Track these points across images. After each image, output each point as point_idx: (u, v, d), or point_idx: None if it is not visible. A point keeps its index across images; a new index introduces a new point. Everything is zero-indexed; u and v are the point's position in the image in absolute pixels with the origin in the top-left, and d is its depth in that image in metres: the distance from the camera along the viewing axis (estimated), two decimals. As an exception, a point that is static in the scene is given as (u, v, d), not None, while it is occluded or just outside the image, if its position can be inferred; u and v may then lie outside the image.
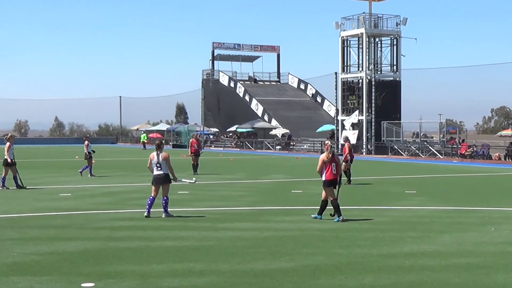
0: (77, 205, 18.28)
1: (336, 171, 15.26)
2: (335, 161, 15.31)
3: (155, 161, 15.58)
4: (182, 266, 10.25)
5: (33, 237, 12.80)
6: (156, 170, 15.59)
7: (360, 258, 10.92)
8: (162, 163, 15.53)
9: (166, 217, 15.52)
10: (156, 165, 15.59)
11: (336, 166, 15.28)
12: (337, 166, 15.34)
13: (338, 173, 15.38)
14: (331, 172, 15.22)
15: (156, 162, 15.57)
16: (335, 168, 15.25)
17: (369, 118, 55.91)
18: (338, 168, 15.36)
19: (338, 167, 15.39)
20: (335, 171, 15.24)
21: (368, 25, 56.71)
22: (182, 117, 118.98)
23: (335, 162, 15.30)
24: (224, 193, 21.83)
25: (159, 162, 15.53)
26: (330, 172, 15.23)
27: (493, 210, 17.42)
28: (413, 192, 22.18)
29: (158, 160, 15.55)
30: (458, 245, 12.12)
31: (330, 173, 15.23)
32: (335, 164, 15.28)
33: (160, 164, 15.53)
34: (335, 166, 15.27)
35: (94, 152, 29.85)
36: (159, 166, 15.55)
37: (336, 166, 15.30)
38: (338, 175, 15.35)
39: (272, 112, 78.60)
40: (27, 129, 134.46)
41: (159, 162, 15.53)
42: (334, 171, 15.23)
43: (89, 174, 29.05)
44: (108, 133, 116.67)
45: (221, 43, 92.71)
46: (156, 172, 15.61)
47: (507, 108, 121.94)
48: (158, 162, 15.54)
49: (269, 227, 14.29)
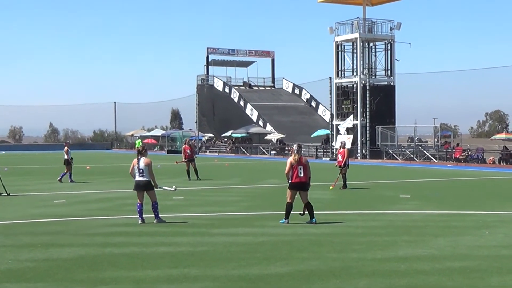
0: (71, 211, 18.25)
1: (303, 174, 15.28)
2: (302, 164, 15.32)
3: (137, 167, 15.53)
4: (177, 272, 10.25)
5: (27, 244, 12.77)
6: (138, 176, 15.54)
7: (354, 262, 10.93)
8: (144, 169, 15.47)
9: (157, 222, 15.49)
10: (138, 171, 15.55)
11: (303, 169, 15.30)
12: (305, 169, 15.33)
13: (306, 176, 15.36)
14: (297, 175, 15.28)
15: (138, 169, 15.53)
16: (302, 171, 15.28)
17: (363, 123, 55.97)
18: (305, 171, 15.34)
19: (306, 170, 15.36)
20: (301, 174, 15.28)
21: (362, 30, 56.83)
22: (177, 122, 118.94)
23: (302, 165, 15.31)
24: (219, 199, 21.83)
25: (141, 168, 15.48)
26: (296, 175, 15.29)
27: (488, 214, 17.45)
28: (408, 196, 22.21)
29: (139, 166, 15.50)
30: (453, 249, 12.14)
31: (296, 175, 15.29)
32: (302, 167, 15.30)
33: (142, 170, 15.49)
34: (302, 169, 15.29)
35: (72, 159, 29.92)
36: (141, 172, 15.50)
37: (304, 169, 15.31)
38: (305, 178, 15.34)
39: (267, 117, 78.63)
40: (21, 135, 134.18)
41: (141, 168, 15.49)
42: (301, 174, 15.27)
43: (69, 180, 29.04)
44: (103, 139, 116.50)
45: (216, 49, 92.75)
46: (138, 178, 15.55)
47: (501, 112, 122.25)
48: (140, 168, 15.50)
49: (264, 232, 14.29)
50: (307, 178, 15.38)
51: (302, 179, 15.28)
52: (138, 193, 15.61)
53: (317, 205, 19.63)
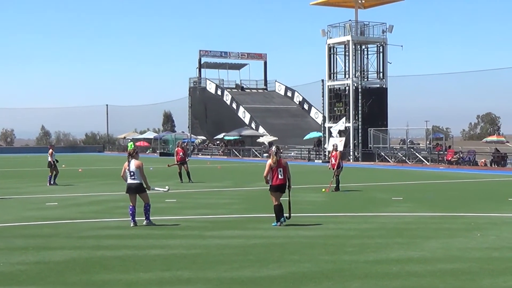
0: (63, 214, 18.22)
1: (283, 175, 15.37)
2: (281, 166, 15.43)
3: (128, 170, 15.52)
4: (170, 274, 10.24)
5: (19, 247, 12.74)
6: (130, 179, 15.54)
7: (347, 264, 10.95)
8: (135, 171, 15.47)
9: (147, 224, 15.47)
10: (130, 174, 15.54)
11: (283, 171, 15.39)
12: (284, 171, 15.42)
13: (286, 177, 15.44)
14: (277, 177, 15.37)
15: (129, 171, 15.52)
16: (281, 173, 15.37)
17: (356, 125, 56.04)
18: (285, 173, 15.42)
19: (285, 172, 15.44)
20: (281, 176, 15.36)
21: (355, 32, 56.91)
22: (169, 125, 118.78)
23: (281, 167, 15.41)
24: (211, 201, 21.82)
25: (132, 170, 15.48)
26: (276, 177, 15.38)
27: (479, 216, 17.50)
28: (400, 199, 22.25)
29: (130, 168, 15.49)
30: (444, 251, 12.17)
31: (276, 178, 15.38)
32: (281, 169, 15.40)
33: (133, 172, 15.49)
34: (282, 171, 15.38)
35: (57, 162, 29.87)
36: (132, 175, 15.51)
37: (283, 171, 15.40)
38: (285, 180, 15.43)
39: (259, 119, 78.64)
40: (13, 138, 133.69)
41: (132, 171, 15.49)
42: (281, 176, 15.36)
43: (52, 182, 28.90)
44: (95, 141, 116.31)
45: (208, 51, 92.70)
46: (130, 181, 15.55)
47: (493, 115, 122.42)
48: (131, 171, 15.50)
49: (256, 234, 14.30)
50: (286, 180, 15.47)
51: (282, 181, 15.41)
52: (130, 196, 15.60)
53: (309, 208, 19.72)
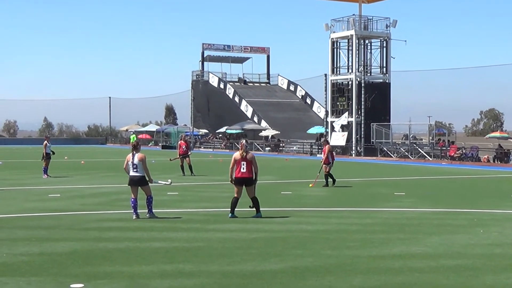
0: (66, 205, 18.23)
1: (246, 169, 15.52)
2: (246, 160, 15.57)
3: (131, 162, 15.54)
4: (172, 267, 10.24)
5: (22, 238, 12.75)
6: (132, 171, 15.56)
7: (349, 259, 10.95)
8: (138, 164, 15.49)
9: (149, 217, 15.49)
10: (132, 166, 15.56)
11: (246, 165, 15.53)
12: (248, 165, 15.55)
13: (250, 171, 15.58)
14: (240, 170, 15.56)
15: (132, 164, 15.54)
16: (245, 166, 15.53)
17: (358, 120, 55.98)
18: (249, 166, 15.56)
19: (250, 166, 15.57)
20: (244, 169, 15.53)
21: (358, 27, 56.81)
22: (171, 118, 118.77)
23: (245, 161, 15.56)
24: (213, 194, 21.82)
25: (135, 163, 15.50)
26: (238, 170, 15.59)
27: (482, 212, 17.49)
28: (402, 194, 22.23)
29: (133, 161, 15.51)
30: (447, 247, 12.16)
31: (238, 170, 15.59)
32: (245, 163, 15.56)
33: (136, 165, 15.50)
34: (246, 165, 15.54)
35: (53, 154, 29.85)
36: (135, 168, 15.52)
37: (247, 165, 15.54)
38: (248, 173, 15.57)
39: (261, 113, 78.59)
40: (16, 129, 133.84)
41: (135, 163, 15.50)
42: (243, 169, 15.53)
43: (45, 175, 28.84)
44: (98, 134, 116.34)
45: (211, 44, 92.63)
46: (132, 174, 15.57)
47: (496, 111, 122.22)
48: (134, 163, 15.51)
49: (258, 228, 14.30)
50: (250, 174, 15.61)
51: (245, 174, 15.57)
52: (132, 188, 15.61)
53: (312, 202, 19.71)
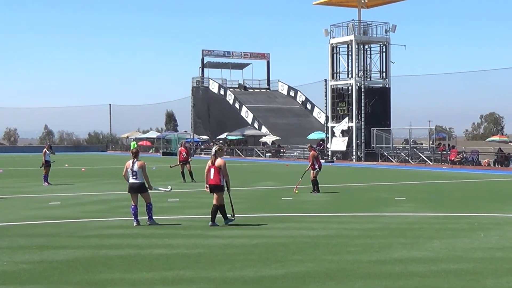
0: (66, 213, 18.23)
1: (213, 176, 15.30)
2: (213, 167, 15.34)
3: (131, 169, 15.54)
4: (172, 274, 10.24)
5: (23, 246, 12.75)
6: (132, 178, 15.56)
7: (350, 264, 10.94)
8: (138, 171, 15.49)
9: (150, 224, 15.48)
10: (132, 173, 15.56)
11: (214, 172, 15.29)
12: (216, 172, 15.28)
13: (217, 178, 15.28)
14: (209, 177, 15.39)
15: (131, 171, 15.54)
16: (211, 174, 15.32)
17: (358, 125, 56.01)
18: (216, 174, 15.27)
19: (217, 173, 15.26)
20: (211, 176, 15.33)
21: (358, 32, 56.90)
22: (171, 124, 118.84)
23: (214, 168, 15.33)
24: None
25: (135, 170, 15.50)
26: (208, 177, 15.44)
27: (483, 216, 17.47)
28: (403, 199, 22.23)
29: (133, 169, 15.51)
30: (448, 251, 12.15)
31: (208, 178, 15.44)
32: (214, 170, 15.32)
33: (136, 172, 15.50)
34: (213, 172, 15.31)
35: (53, 162, 29.85)
36: (134, 175, 15.52)
37: (215, 172, 15.29)
38: (215, 180, 15.30)
39: (262, 119, 78.63)
40: (16, 137, 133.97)
41: (134, 170, 15.51)
42: (211, 176, 15.33)
43: (45, 182, 28.75)
44: (98, 141, 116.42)
45: (211, 51, 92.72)
46: (132, 181, 15.57)
47: (497, 115, 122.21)
48: (133, 170, 15.52)
49: (259, 234, 14.29)
50: (218, 181, 15.30)
51: (211, 181, 15.35)
52: (132, 195, 15.61)
53: (312, 207, 19.70)
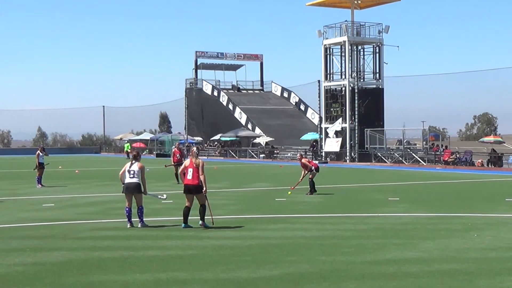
0: (60, 215, 18.19)
1: (192, 176, 15.15)
2: (192, 167, 15.19)
3: (129, 170, 15.52)
4: (166, 276, 10.23)
5: (16, 248, 12.72)
6: (129, 178, 15.51)
7: (344, 265, 10.95)
8: (137, 171, 15.48)
9: (142, 227, 15.46)
10: (129, 173, 15.53)
11: (192, 172, 15.14)
12: (194, 172, 15.12)
13: (195, 178, 15.10)
14: (186, 177, 15.27)
15: (129, 171, 15.51)
16: (190, 173, 15.17)
17: (352, 126, 56.08)
18: (195, 173, 15.11)
19: (196, 173, 15.10)
20: (190, 176, 15.17)
21: (351, 33, 56.96)
22: (165, 126, 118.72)
23: (191, 167, 15.19)
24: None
25: (134, 170, 15.48)
26: (186, 177, 15.31)
27: (476, 217, 17.52)
28: (397, 199, 22.26)
29: (132, 169, 15.49)
30: (441, 252, 12.18)
31: (185, 178, 15.31)
32: (191, 169, 15.18)
33: (134, 172, 15.48)
34: (192, 172, 15.16)
35: (48, 164, 29.80)
36: (132, 175, 15.48)
37: (193, 172, 15.14)
38: (193, 180, 15.12)
39: (255, 120, 78.61)
40: (10, 139, 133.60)
41: (133, 170, 15.48)
42: (189, 177, 15.18)
43: (38, 184, 28.71)
44: (92, 142, 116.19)
45: (204, 52, 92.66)
46: (129, 180, 15.51)
47: (490, 115, 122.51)
48: (132, 170, 15.49)
49: (253, 235, 14.30)
50: (196, 181, 15.12)
51: (189, 181, 15.17)
52: (127, 196, 15.57)
53: (306, 208, 19.72)
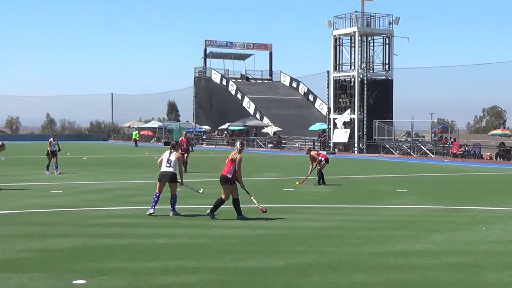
0: (68, 202, 18.23)
1: (225, 167, 15.19)
2: (229, 159, 15.20)
3: (166, 159, 15.52)
4: (174, 264, 10.24)
5: (24, 234, 12.76)
6: (165, 167, 15.51)
7: (351, 256, 10.94)
8: (174, 161, 15.48)
9: (173, 215, 15.44)
10: (166, 162, 15.53)
11: (226, 163, 15.18)
12: (228, 164, 15.17)
13: (225, 171, 15.16)
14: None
15: (167, 159, 15.52)
16: (225, 165, 15.21)
17: (361, 117, 55.98)
18: (227, 165, 15.17)
19: (228, 165, 15.15)
20: (225, 168, 15.20)
21: (361, 24, 56.76)
22: (173, 114, 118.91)
23: (228, 160, 15.20)
24: (215, 191, 21.68)
25: (171, 159, 15.49)
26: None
27: (485, 210, 17.47)
28: (405, 191, 22.22)
29: (169, 158, 15.50)
30: (449, 244, 12.14)
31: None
32: (227, 161, 15.19)
33: (171, 161, 15.48)
34: (226, 164, 15.20)
35: (59, 151, 29.60)
36: (169, 164, 15.49)
37: (227, 164, 15.19)
38: (224, 172, 15.21)
39: (264, 110, 78.57)
40: (18, 125, 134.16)
41: (170, 159, 15.49)
42: (226, 168, 15.18)
43: (46, 170, 28.76)
44: (100, 130, 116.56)
45: (214, 41, 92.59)
46: (165, 169, 15.51)
47: (499, 108, 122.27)
48: (169, 159, 15.50)
49: (260, 225, 14.30)
50: (225, 173, 15.13)
51: (222, 172, 15.23)
52: (160, 183, 15.55)
53: (314, 199, 19.70)
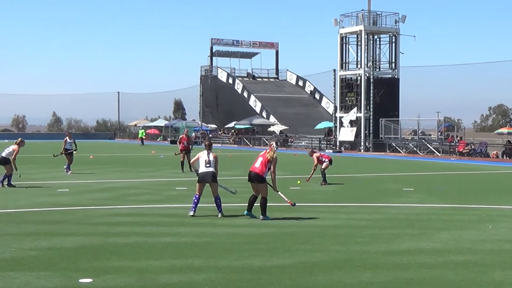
0: (75, 200, 18.27)
1: (258, 165, 15.00)
2: (264, 157, 15.00)
3: (205, 159, 15.47)
4: (180, 262, 10.25)
5: (31, 233, 12.79)
6: (205, 167, 15.45)
7: (358, 255, 10.93)
8: (213, 161, 15.46)
9: (221, 216, 15.26)
10: (205, 163, 15.48)
11: (261, 161, 14.99)
12: (263, 162, 14.98)
13: (259, 169, 14.96)
14: (254, 165, 15.14)
15: (206, 160, 15.48)
16: (259, 162, 15.02)
17: (367, 115, 55.92)
18: (262, 163, 14.98)
19: (263, 163, 14.97)
20: (258, 164, 15.02)
21: (367, 22, 56.67)
22: (180, 113, 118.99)
23: (263, 158, 15.01)
24: (222, 190, 21.75)
25: (210, 160, 15.46)
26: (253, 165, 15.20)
27: (491, 208, 17.44)
28: (411, 190, 22.19)
29: (208, 158, 15.48)
30: (456, 243, 12.13)
31: (253, 165, 15.20)
32: (262, 159, 15.01)
33: (210, 161, 15.45)
34: (260, 161, 15.01)
35: (76, 150, 29.51)
36: (208, 164, 15.45)
37: (262, 162, 14.99)
38: (256, 169, 15.00)
39: (270, 108, 78.57)
40: (25, 124, 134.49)
41: (209, 160, 15.46)
42: (257, 165, 15.03)
43: (66, 171, 28.37)
44: (106, 128, 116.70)
45: (220, 39, 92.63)
46: (205, 170, 15.41)
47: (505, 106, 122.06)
48: (208, 160, 15.47)
49: (266, 223, 14.30)
50: (258, 170, 14.97)
51: (254, 168, 15.02)
52: (200, 185, 15.46)
53: (320, 197, 19.71)
